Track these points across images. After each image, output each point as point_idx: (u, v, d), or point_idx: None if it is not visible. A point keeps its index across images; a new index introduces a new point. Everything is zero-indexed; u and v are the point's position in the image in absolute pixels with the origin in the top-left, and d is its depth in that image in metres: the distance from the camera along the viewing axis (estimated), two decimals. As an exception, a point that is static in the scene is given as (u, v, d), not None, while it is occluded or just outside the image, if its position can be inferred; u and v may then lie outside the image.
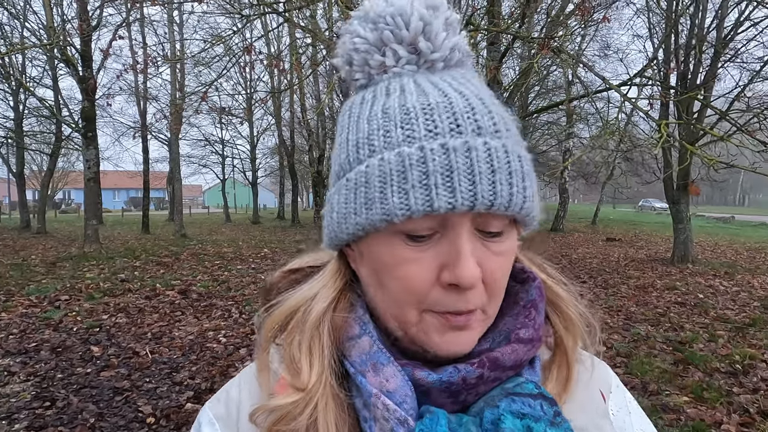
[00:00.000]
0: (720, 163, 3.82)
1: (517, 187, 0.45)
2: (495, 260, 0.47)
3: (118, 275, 8.44)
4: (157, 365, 4.41)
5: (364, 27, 0.51)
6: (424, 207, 0.43)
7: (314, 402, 0.48)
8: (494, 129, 0.46)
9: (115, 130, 20.87)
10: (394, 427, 0.45)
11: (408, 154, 0.44)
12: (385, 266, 0.48)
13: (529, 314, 0.52)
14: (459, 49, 0.52)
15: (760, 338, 5.18)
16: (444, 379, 0.47)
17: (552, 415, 0.46)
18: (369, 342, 0.50)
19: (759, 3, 7.23)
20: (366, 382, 0.47)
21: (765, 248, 14.53)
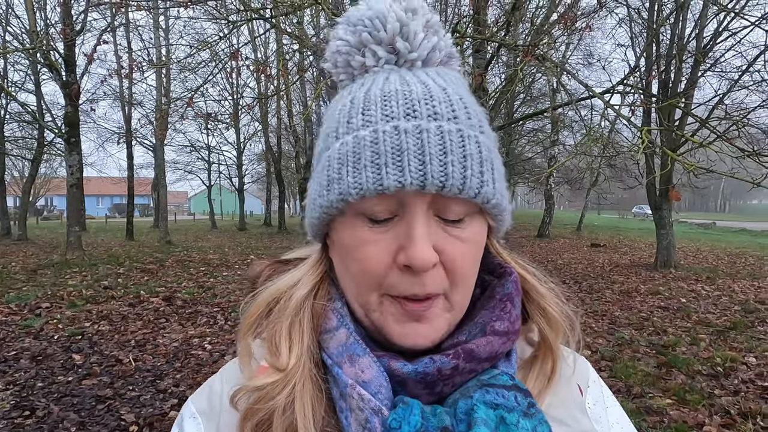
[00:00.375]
0: (700, 168, 3.90)
1: (472, 170, 0.46)
2: (456, 246, 0.48)
3: (101, 282, 8.32)
4: (141, 373, 4.35)
5: (346, 30, 0.53)
6: (375, 186, 0.45)
7: (292, 383, 0.49)
8: (452, 115, 0.48)
9: (99, 136, 20.58)
10: (369, 416, 0.45)
11: (363, 136, 0.47)
12: (347, 249, 0.50)
13: (504, 307, 0.53)
14: (440, 49, 0.53)
15: (740, 341, 5.27)
16: (419, 370, 0.47)
17: (526, 406, 0.47)
18: (346, 334, 0.51)
19: (737, 14, 7.42)
20: (342, 373, 0.48)
21: (745, 254, 14.80)
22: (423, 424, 0.44)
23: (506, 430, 0.45)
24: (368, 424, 0.45)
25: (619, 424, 0.60)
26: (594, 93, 4.48)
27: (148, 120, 17.80)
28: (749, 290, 8.36)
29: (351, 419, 0.47)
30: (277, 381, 0.49)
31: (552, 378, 0.55)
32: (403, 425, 0.44)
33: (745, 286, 8.78)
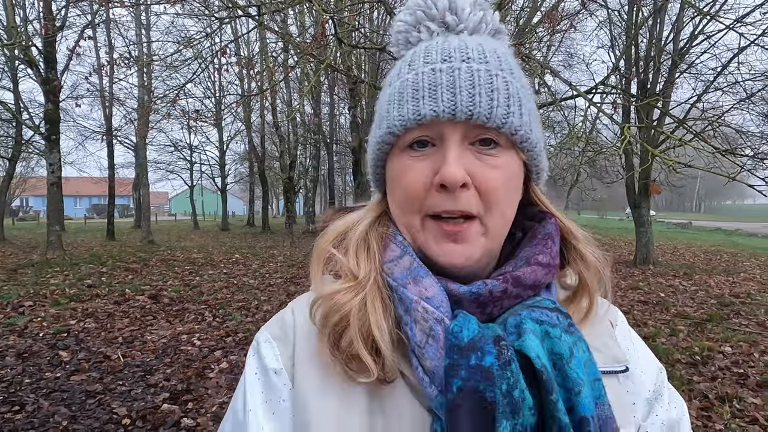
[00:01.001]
0: (679, 164, 4.05)
1: (498, 102, 0.54)
2: (489, 171, 0.55)
3: (84, 281, 8.20)
4: (130, 368, 4.34)
5: (404, 13, 0.63)
6: (414, 116, 0.54)
7: (364, 291, 0.56)
8: (483, 59, 0.56)
9: (79, 134, 20.15)
10: (432, 325, 0.52)
11: (406, 78, 0.57)
12: (394, 178, 0.58)
13: (546, 244, 0.59)
14: (486, 23, 0.61)
15: (717, 332, 5.46)
16: (474, 290, 0.54)
17: (566, 325, 0.54)
18: (410, 260, 0.57)
19: (712, 17, 7.66)
20: (407, 291, 0.54)
21: (720, 251, 15.22)
22: (480, 332, 0.51)
23: (550, 343, 0.51)
24: (432, 332, 0.52)
25: (644, 357, 0.67)
26: (579, 92, 4.61)
27: (130, 119, 17.58)
28: (724, 285, 8.63)
29: (416, 329, 0.53)
30: (352, 286, 0.56)
31: (588, 314, 0.62)
32: (464, 330, 0.50)
33: (721, 281, 9.06)
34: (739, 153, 6.13)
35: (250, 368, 0.61)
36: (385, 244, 0.61)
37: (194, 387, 3.92)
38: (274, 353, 0.60)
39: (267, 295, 7.47)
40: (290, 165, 18.83)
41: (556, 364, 0.50)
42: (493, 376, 0.47)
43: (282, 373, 0.59)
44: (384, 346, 0.53)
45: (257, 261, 11.63)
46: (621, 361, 0.61)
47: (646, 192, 10.35)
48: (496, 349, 0.49)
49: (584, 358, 0.52)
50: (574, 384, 0.49)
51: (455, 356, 0.49)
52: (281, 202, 49.19)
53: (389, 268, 0.58)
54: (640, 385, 0.63)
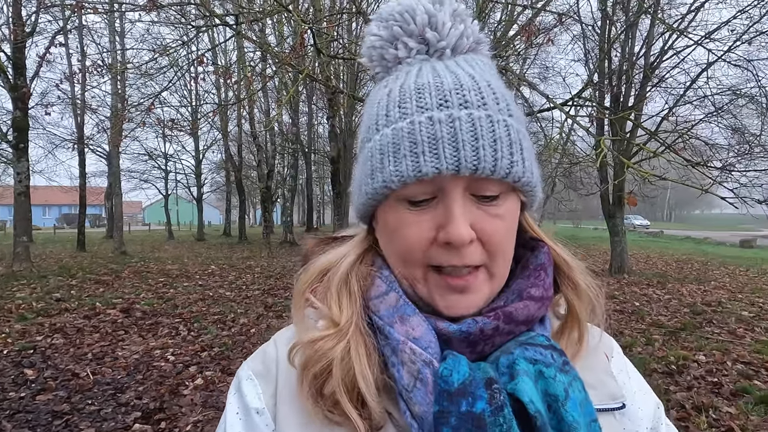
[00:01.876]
0: (654, 176, 4.14)
1: (502, 152, 0.50)
2: (492, 222, 0.52)
3: (52, 294, 7.93)
4: (100, 386, 4.18)
5: (378, 26, 0.58)
6: (414, 173, 0.50)
7: (347, 337, 0.53)
8: (481, 102, 0.52)
9: (49, 142, 19.58)
10: (421, 368, 0.49)
11: (401, 128, 0.52)
12: (392, 230, 0.55)
13: (538, 276, 0.57)
14: (467, 36, 0.57)
15: (691, 341, 5.56)
16: (464, 329, 0.52)
17: (561, 363, 0.52)
18: (396, 297, 0.55)
19: (681, 33, 7.90)
20: (394, 331, 0.52)
21: (691, 260, 15.61)
22: (470, 374, 0.48)
23: (545, 383, 0.49)
24: (420, 375, 0.49)
25: (641, 391, 0.65)
26: (555, 104, 4.68)
27: (102, 127, 17.18)
28: (696, 293, 8.82)
29: (403, 372, 0.50)
30: (333, 333, 0.53)
31: (580, 346, 0.60)
32: (454, 374, 0.48)
33: (693, 289, 9.27)
34: (710, 165, 6.30)
35: (231, 407, 0.58)
36: (372, 279, 0.58)
37: (168, 405, 3.79)
38: (256, 391, 0.58)
39: (244, 307, 7.33)
40: (268, 174, 18.66)
41: (551, 406, 0.48)
42: (485, 424, 0.45)
43: (264, 413, 0.56)
44: (370, 397, 0.51)
45: (234, 272, 11.44)
46: (617, 397, 0.59)
47: (620, 202, 10.56)
48: (487, 394, 0.47)
49: (580, 399, 0.50)
50: (570, 428, 0.47)
51: (445, 402, 0.47)
52: (258, 211, 48.70)
53: (375, 305, 0.56)
54: (638, 421, 0.61)
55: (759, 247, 23.06)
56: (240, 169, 23.07)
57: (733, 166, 7.18)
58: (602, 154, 3.86)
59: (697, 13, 8.86)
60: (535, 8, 7.30)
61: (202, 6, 5.94)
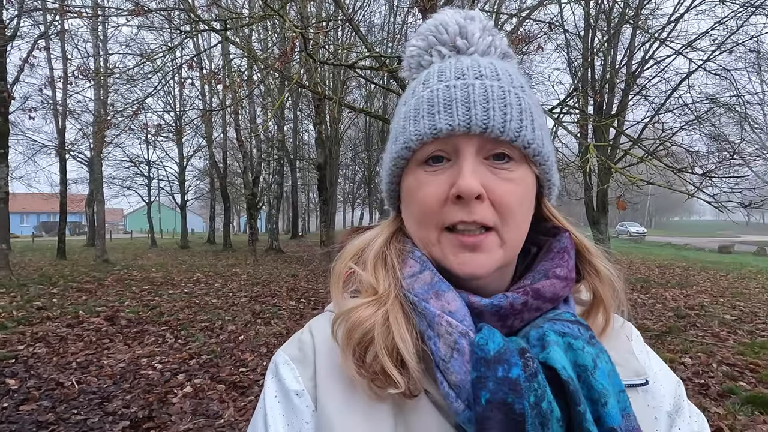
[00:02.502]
0: (641, 180, 4.22)
1: (511, 115, 0.55)
2: (503, 185, 0.55)
3: (33, 303, 7.74)
4: (86, 395, 4.09)
5: (416, 39, 0.65)
6: (431, 130, 0.55)
7: (386, 305, 0.55)
8: (495, 76, 0.57)
9: (29, 148, 19.20)
10: (457, 339, 0.52)
11: (421, 95, 0.58)
12: (410, 193, 0.59)
13: (562, 258, 0.60)
14: (495, 47, 0.63)
15: (676, 344, 5.65)
16: (495, 303, 0.54)
17: (588, 337, 0.54)
18: (430, 275, 0.57)
19: (662, 42, 8.10)
20: (430, 306, 0.54)
21: (673, 265, 15.88)
22: (505, 344, 0.50)
23: (573, 354, 0.51)
24: (457, 345, 0.51)
25: (662, 371, 0.67)
26: (543, 110, 4.75)
27: (84, 133, 16.93)
28: (679, 298, 8.98)
29: (440, 344, 0.52)
30: (374, 300, 0.56)
31: (605, 329, 0.62)
32: (489, 343, 0.50)
33: (676, 294, 9.43)
34: (692, 171, 6.43)
35: (269, 391, 0.60)
36: (404, 260, 0.60)
37: (156, 413, 3.72)
38: (294, 375, 0.59)
39: (231, 314, 7.25)
40: (254, 181, 18.53)
41: (580, 376, 0.50)
42: (521, 388, 0.47)
43: (304, 395, 0.58)
44: (409, 357, 0.53)
45: (219, 280, 11.31)
46: (641, 374, 0.62)
47: (604, 209, 10.70)
48: (522, 361, 0.49)
49: (608, 369, 0.52)
50: (600, 395, 0.49)
51: (482, 369, 0.49)
52: (243, 218, 48.31)
53: (409, 283, 0.58)
54: (660, 398, 0.63)
55: (737, 252, 23.56)
56: (225, 176, 22.88)
57: (714, 173, 7.35)
58: (591, 159, 3.92)
59: (677, 23, 9.08)
60: (521, 17, 7.42)
61: (189, 11, 5.91)
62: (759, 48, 9.21)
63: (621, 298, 0.65)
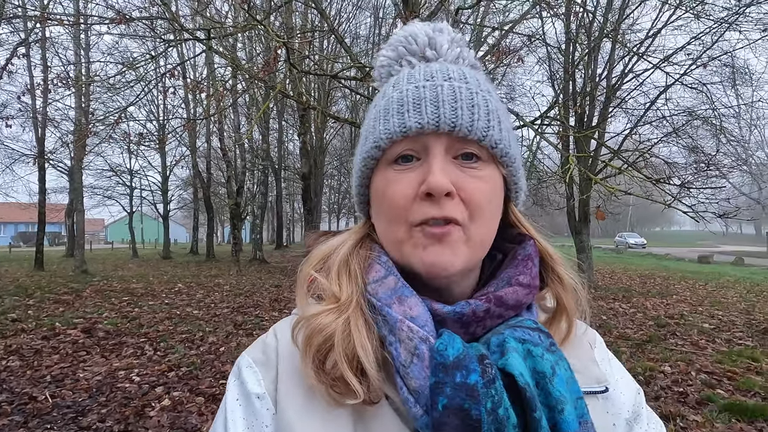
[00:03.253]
0: (619, 191, 4.29)
1: (479, 115, 0.56)
2: (472, 182, 0.56)
3: (7, 315, 7.54)
4: (60, 410, 3.98)
5: (387, 49, 0.67)
6: (400, 128, 0.56)
7: (348, 311, 0.55)
8: (463, 79, 0.59)
9: (6, 156, 18.82)
10: (418, 344, 0.52)
11: (391, 96, 0.60)
12: (379, 193, 0.59)
13: (526, 265, 0.60)
14: (463, 58, 0.65)
15: (656, 352, 5.71)
16: (457, 310, 0.55)
17: (548, 344, 0.54)
18: (394, 280, 0.57)
19: (640, 57, 8.29)
20: (392, 311, 0.55)
21: (653, 275, 16.11)
22: (464, 350, 0.51)
23: (533, 361, 0.52)
24: (417, 351, 0.51)
25: (623, 379, 0.68)
26: (525, 121, 4.81)
27: (65, 142, 16.66)
28: (660, 307, 9.10)
29: (401, 349, 0.52)
30: (335, 307, 0.56)
31: (568, 336, 0.63)
32: (449, 348, 0.50)
33: (656, 303, 9.55)
34: (670, 182, 6.56)
35: (231, 394, 0.60)
36: (370, 265, 0.61)
37: (133, 428, 3.63)
38: (256, 378, 0.60)
39: (212, 325, 7.15)
40: (237, 191, 18.40)
41: (538, 383, 0.51)
42: (478, 394, 0.47)
43: (265, 398, 0.58)
44: (369, 366, 0.53)
45: (202, 290, 11.15)
46: (601, 381, 0.63)
47: (586, 219, 10.85)
48: (480, 368, 0.49)
49: (566, 376, 0.53)
50: (557, 402, 0.50)
51: (440, 374, 0.49)
52: (227, 229, 47.81)
53: (373, 288, 0.58)
54: (620, 405, 0.64)
55: (716, 262, 24.00)
56: (209, 186, 22.67)
57: (692, 184, 7.51)
58: (570, 169, 3.98)
59: (655, 38, 9.33)
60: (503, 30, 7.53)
61: (173, 21, 5.89)
62: (733, 63, 9.49)
63: (584, 305, 0.65)
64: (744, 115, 10.81)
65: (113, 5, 6.99)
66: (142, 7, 7.45)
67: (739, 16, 8.30)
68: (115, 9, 6.42)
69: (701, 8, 8.02)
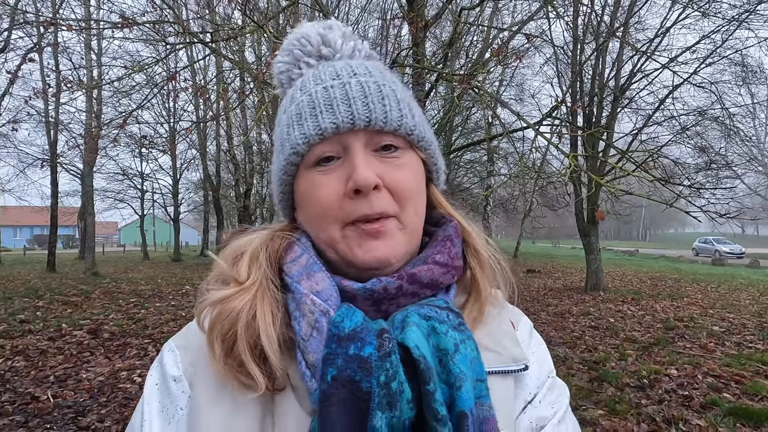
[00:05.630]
0: (620, 191, 4.23)
1: (390, 106, 0.57)
2: (396, 171, 0.57)
3: (16, 316, 7.64)
4: (60, 410, 4.01)
5: (282, 54, 0.67)
6: (316, 131, 0.56)
7: (252, 293, 0.55)
8: (368, 73, 0.60)
9: (20, 161, 19.14)
10: (318, 317, 0.51)
11: (301, 100, 0.59)
12: (306, 197, 0.59)
13: (445, 245, 0.60)
14: (359, 51, 0.66)
15: (663, 356, 5.61)
16: (367, 287, 0.54)
17: (456, 323, 0.53)
18: (306, 258, 0.58)
19: (649, 56, 8.19)
20: (299, 287, 0.55)
21: (665, 277, 15.88)
22: (363, 323, 0.50)
23: (437, 339, 0.51)
24: (317, 324, 0.51)
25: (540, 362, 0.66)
26: (527, 122, 4.77)
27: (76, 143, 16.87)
28: (669, 309, 8.95)
29: (303, 323, 0.52)
30: (238, 291, 0.55)
31: (481, 312, 0.61)
32: (345, 321, 0.50)
33: (666, 305, 9.40)
34: (678, 183, 6.46)
35: (150, 380, 0.60)
36: (289, 246, 0.61)
37: (131, 428, 3.64)
38: (175, 360, 0.60)
39: (217, 327, 7.17)
40: (246, 193, 18.50)
41: (441, 360, 0.50)
42: (371, 367, 0.47)
43: (181, 380, 0.58)
44: (271, 353, 0.52)
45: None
46: (519, 359, 0.61)
47: (594, 221, 10.73)
48: (377, 341, 0.48)
49: (471, 356, 0.52)
50: (456, 379, 0.49)
51: (333, 345, 0.48)
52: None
53: (288, 267, 0.59)
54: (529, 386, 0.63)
55: (730, 265, 23.62)
56: (218, 189, 22.83)
57: (702, 185, 7.39)
58: (572, 169, 3.93)
59: (664, 37, 9.21)
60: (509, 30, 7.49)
61: (177, 24, 5.94)
62: (743, 61, 9.34)
63: (507, 278, 0.65)
64: (759, 114, 10.63)
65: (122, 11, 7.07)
66: (149, 11, 7.53)
67: (751, 13, 8.18)
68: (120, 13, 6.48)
69: (710, 6, 7.90)
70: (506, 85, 17.34)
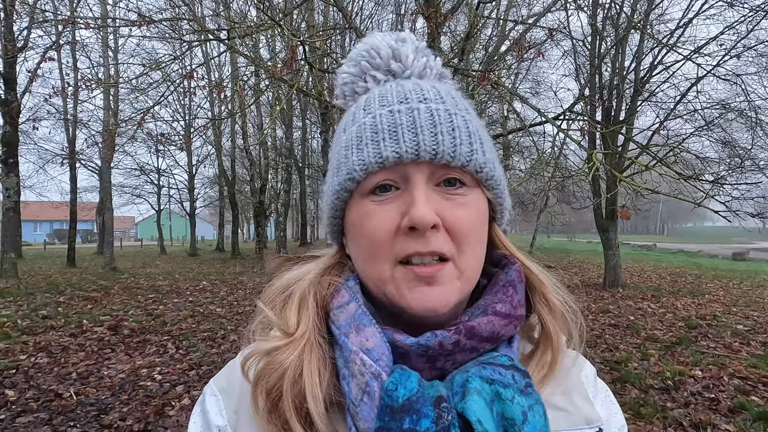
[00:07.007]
0: (646, 189, 4.12)
1: (461, 139, 0.52)
2: (458, 211, 0.52)
3: (38, 312, 7.77)
4: (83, 407, 4.05)
5: (348, 65, 0.62)
6: (376, 159, 0.51)
7: (300, 347, 0.51)
8: (440, 100, 0.54)
9: (40, 157, 19.45)
10: (369, 380, 0.47)
11: (363, 122, 0.54)
12: (356, 226, 0.54)
13: (507, 292, 0.54)
14: (431, 68, 0.61)
15: (686, 355, 5.50)
16: (422, 343, 0.49)
17: (523, 385, 0.48)
18: (355, 307, 0.53)
19: (670, 48, 7.99)
20: (348, 341, 0.50)
21: (684, 273, 15.61)
22: (419, 390, 0.45)
23: (501, 405, 0.46)
24: (368, 388, 0.47)
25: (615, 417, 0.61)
26: (546, 117, 4.68)
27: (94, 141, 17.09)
28: (690, 307, 8.79)
29: (352, 384, 0.48)
30: (287, 344, 0.51)
31: (552, 367, 0.56)
32: (400, 388, 0.45)
33: (687, 303, 9.23)
34: (701, 178, 6.30)
35: (194, 426, 0.57)
36: (336, 290, 0.57)
37: (152, 427, 3.67)
38: (218, 407, 0.57)
39: (234, 324, 7.21)
40: (261, 189, 18.58)
41: (507, 431, 0.45)
42: None
43: (226, 430, 0.55)
44: (317, 417, 0.48)
45: (225, 288, 11.30)
46: (593, 422, 0.56)
47: (613, 216, 10.56)
48: (435, 413, 0.44)
49: (540, 424, 0.46)
50: None
51: (386, 418, 0.44)
52: (252, 226, 48.44)
53: (335, 314, 0.54)
54: None
55: (751, 259, 23.16)
56: (233, 184, 22.97)
57: (725, 180, 7.21)
58: (594, 167, 3.84)
59: (686, 28, 8.98)
60: (526, 23, 7.36)
61: (194, 21, 5.94)
62: (770, 52, 9.07)
63: (575, 333, 0.59)
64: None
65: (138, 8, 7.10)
66: (165, 9, 7.55)
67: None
68: (138, 12, 6.51)
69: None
70: (522, 79, 17.12)
